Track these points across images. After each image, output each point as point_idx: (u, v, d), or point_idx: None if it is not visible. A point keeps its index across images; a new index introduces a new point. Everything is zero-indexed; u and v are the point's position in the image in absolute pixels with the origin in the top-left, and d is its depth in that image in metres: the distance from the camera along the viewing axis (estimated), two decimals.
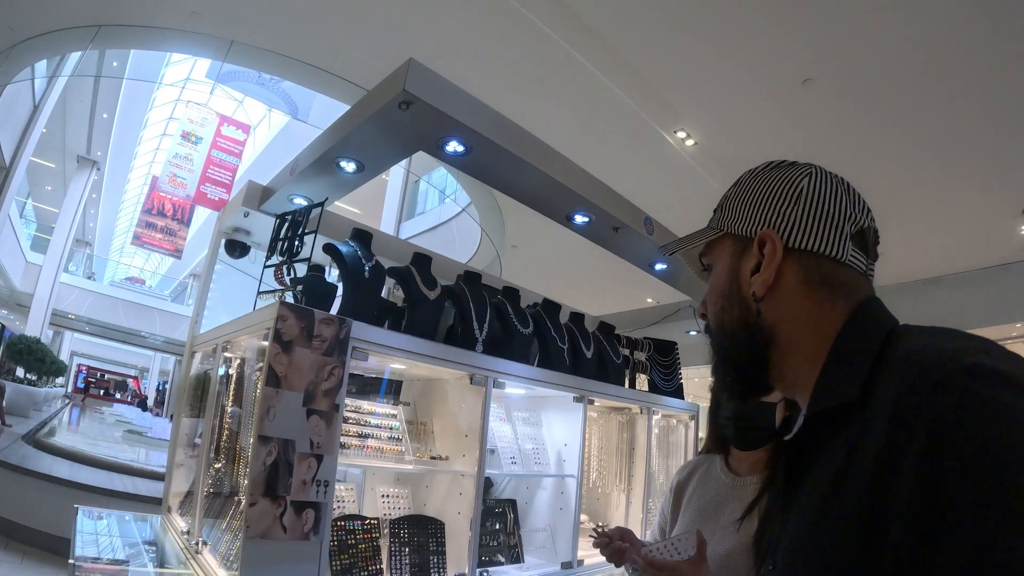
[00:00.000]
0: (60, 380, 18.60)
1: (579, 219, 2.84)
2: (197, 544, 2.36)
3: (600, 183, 2.71)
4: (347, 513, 2.45)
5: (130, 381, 36.47)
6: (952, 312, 9.84)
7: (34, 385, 13.33)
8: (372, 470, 2.82)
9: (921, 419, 0.58)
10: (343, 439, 2.23)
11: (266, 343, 1.98)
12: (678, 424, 4.06)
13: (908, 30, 5.28)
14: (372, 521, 2.39)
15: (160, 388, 33.35)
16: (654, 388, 3.94)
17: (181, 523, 2.83)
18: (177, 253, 19.02)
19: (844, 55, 5.71)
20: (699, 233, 0.99)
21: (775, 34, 5.64)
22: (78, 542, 2.56)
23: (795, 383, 0.85)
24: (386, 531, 2.47)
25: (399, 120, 2.00)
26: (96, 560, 2.42)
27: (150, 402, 29.52)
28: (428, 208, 15.68)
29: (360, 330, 2.11)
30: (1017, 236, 8.49)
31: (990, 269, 9.44)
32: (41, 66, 11.53)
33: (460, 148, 2.18)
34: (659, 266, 3.62)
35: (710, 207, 1.03)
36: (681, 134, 7.41)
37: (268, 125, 21.82)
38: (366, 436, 2.46)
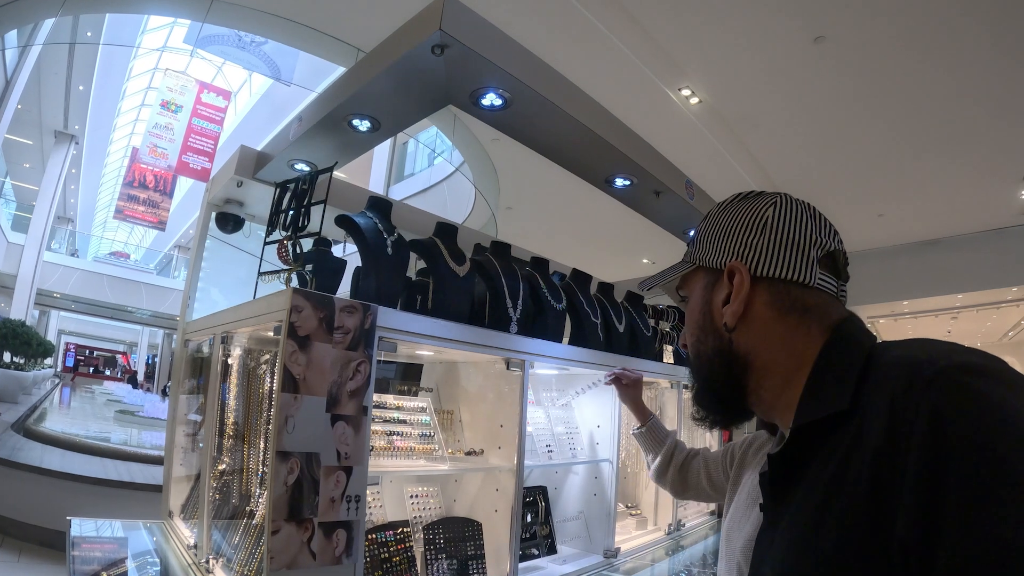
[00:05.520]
0: (48, 361, 18.25)
1: (619, 183, 2.51)
2: (208, 561, 2.10)
3: (644, 143, 2.38)
4: (374, 520, 2.18)
5: (119, 357, 36.19)
6: (949, 274, 10.01)
7: (21, 369, 12.95)
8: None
9: (919, 414, 0.58)
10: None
11: (276, 336, 1.69)
12: None
13: None
14: (404, 529, 2.12)
15: (149, 362, 33.05)
16: (680, 360, 3.70)
17: (185, 531, 2.57)
18: (161, 225, 18.56)
19: (859, 12, 5.49)
20: (674, 268, 1.02)
21: None
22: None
23: (773, 405, 0.86)
24: (419, 536, 2.21)
25: (429, 68, 1.65)
26: None
27: (140, 377, 29.23)
28: (417, 170, 15.11)
29: (386, 317, 1.81)
30: (1017, 201, 8.61)
31: (988, 232, 9.56)
32: (11, 37, 10.95)
33: (498, 101, 1.84)
34: (693, 232, 3.33)
35: (713, 167, 0.79)
36: (686, 91, 7.15)
37: (249, 91, 21.15)
38: (393, 434, 2.17)
